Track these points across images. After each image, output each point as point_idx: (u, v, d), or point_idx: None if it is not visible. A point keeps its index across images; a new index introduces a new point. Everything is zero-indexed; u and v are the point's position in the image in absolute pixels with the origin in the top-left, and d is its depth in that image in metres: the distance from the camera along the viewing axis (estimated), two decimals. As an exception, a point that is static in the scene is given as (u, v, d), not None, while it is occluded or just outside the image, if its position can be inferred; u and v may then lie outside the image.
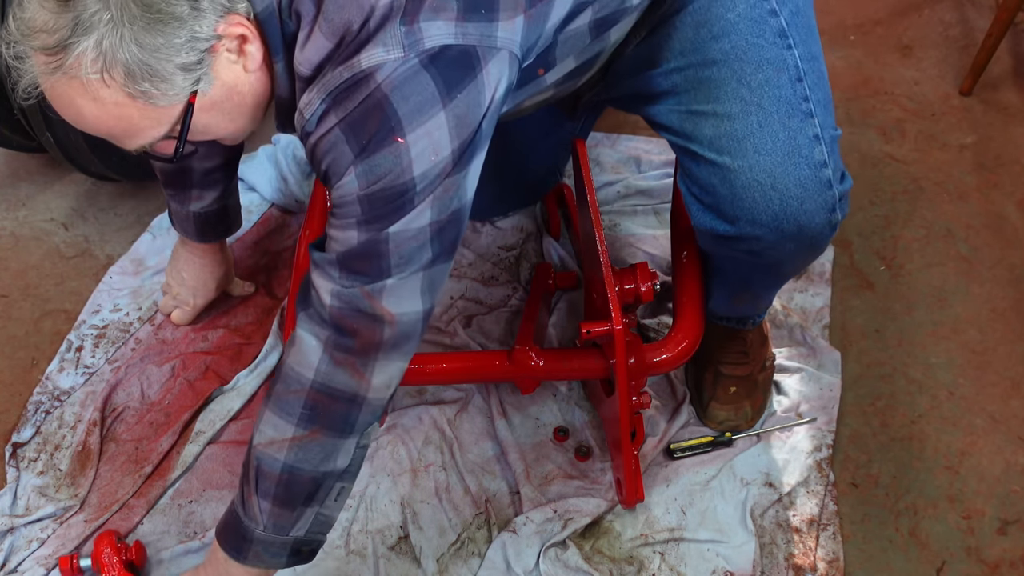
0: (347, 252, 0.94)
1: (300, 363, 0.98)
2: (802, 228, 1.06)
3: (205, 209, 1.42)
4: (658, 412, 1.44)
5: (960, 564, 1.30)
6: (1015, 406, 1.47)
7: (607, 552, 1.31)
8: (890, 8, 2.21)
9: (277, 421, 1.00)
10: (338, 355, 0.97)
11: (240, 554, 1.06)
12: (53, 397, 1.47)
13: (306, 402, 0.98)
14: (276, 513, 1.03)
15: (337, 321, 0.96)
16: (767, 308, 1.41)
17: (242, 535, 1.05)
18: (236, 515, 1.05)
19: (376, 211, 0.91)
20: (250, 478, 1.03)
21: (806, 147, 1.04)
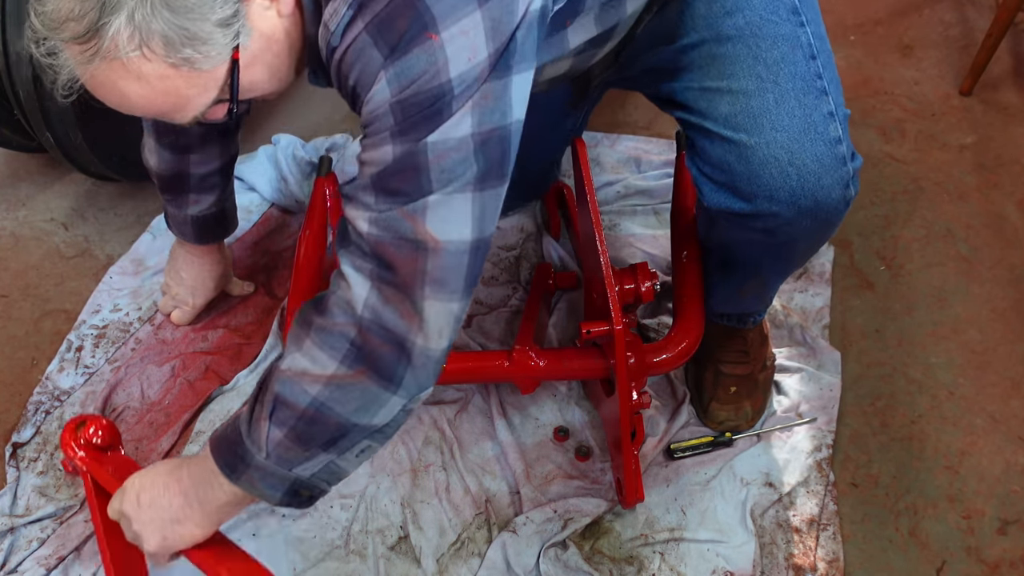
0: (382, 171, 0.86)
1: (348, 297, 0.88)
2: (819, 203, 1.05)
3: (203, 212, 1.42)
4: (658, 412, 1.44)
5: (960, 564, 1.30)
6: (1015, 406, 1.47)
7: (607, 552, 1.31)
8: (890, 8, 2.21)
9: (317, 354, 0.89)
10: (386, 290, 0.87)
11: (233, 473, 0.96)
12: (53, 397, 1.47)
13: (354, 339, 0.88)
14: (286, 446, 0.93)
15: (377, 250, 0.87)
16: (769, 303, 1.41)
17: (240, 455, 0.95)
18: (238, 433, 0.95)
19: (411, 118, 0.84)
20: (264, 401, 0.92)
21: (821, 124, 1.05)
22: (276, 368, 0.92)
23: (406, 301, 0.88)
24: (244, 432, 0.94)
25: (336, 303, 0.89)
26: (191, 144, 1.35)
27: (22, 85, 1.45)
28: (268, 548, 1.30)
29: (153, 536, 1.01)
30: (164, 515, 1.00)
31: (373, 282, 0.88)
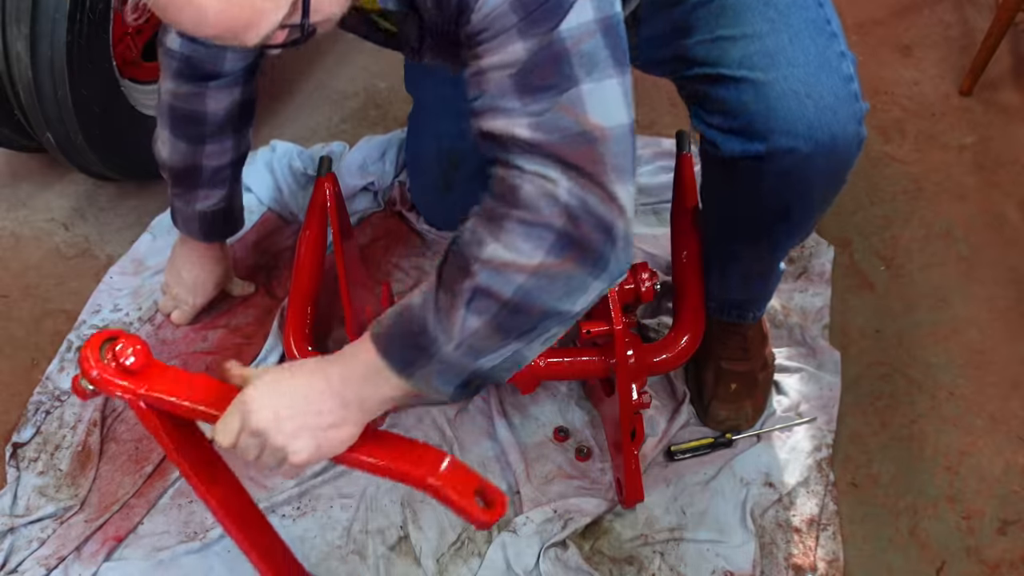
0: (520, 69, 0.84)
1: (550, 189, 0.85)
2: (835, 138, 1.06)
3: (211, 208, 1.42)
4: (658, 412, 1.44)
5: (960, 564, 1.30)
6: (1015, 406, 1.47)
7: (607, 552, 1.31)
8: (890, 8, 2.21)
9: (522, 244, 0.85)
10: (579, 180, 0.85)
11: (407, 367, 0.90)
12: (53, 397, 1.47)
13: (562, 228, 0.85)
14: (481, 336, 0.88)
15: (552, 152, 0.85)
16: (771, 291, 1.41)
17: (422, 347, 0.89)
18: (420, 322, 0.89)
19: (533, 13, 0.83)
20: (459, 291, 0.87)
21: (835, 60, 1.07)
22: (476, 258, 0.87)
23: (600, 188, 0.86)
24: (431, 323, 0.89)
25: (536, 195, 0.85)
26: (206, 135, 1.35)
27: (22, 85, 1.45)
28: (268, 548, 1.30)
29: (305, 447, 0.92)
30: (316, 422, 0.92)
31: (564, 173, 0.85)
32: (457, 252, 0.89)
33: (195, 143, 1.35)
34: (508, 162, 0.87)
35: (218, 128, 1.35)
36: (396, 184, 1.75)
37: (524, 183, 0.86)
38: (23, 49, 1.40)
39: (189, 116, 1.31)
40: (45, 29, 1.40)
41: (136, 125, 1.64)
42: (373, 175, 1.74)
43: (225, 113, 1.34)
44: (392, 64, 2.05)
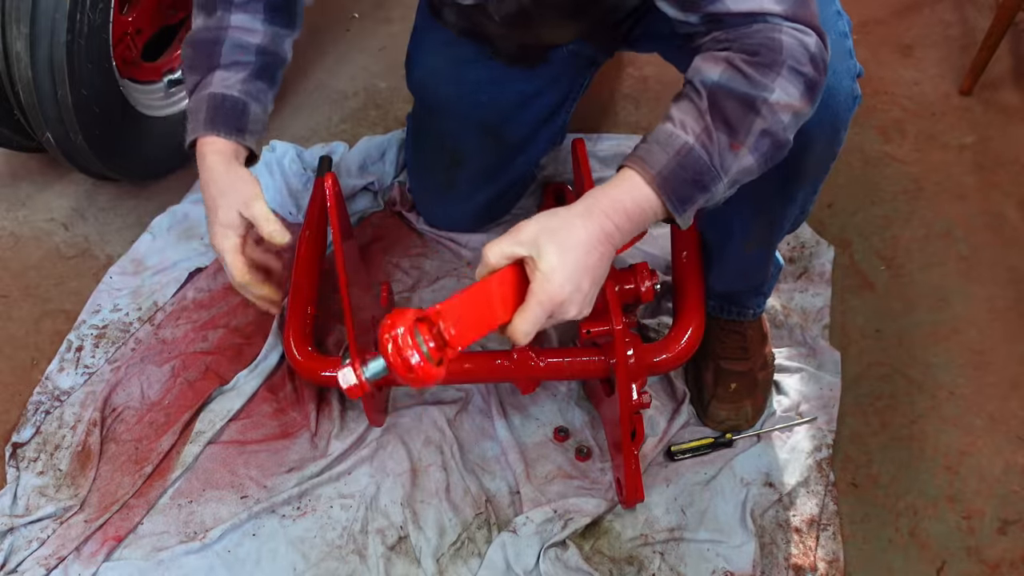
0: None
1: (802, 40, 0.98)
2: (831, 89, 1.07)
3: (223, 92, 1.21)
4: (658, 412, 1.44)
5: (960, 564, 1.30)
6: (1015, 406, 1.47)
7: (607, 552, 1.31)
8: (890, 8, 2.21)
9: (790, 87, 0.97)
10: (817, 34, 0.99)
11: (683, 204, 0.99)
12: (53, 397, 1.47)
13: (811, 75, 0.98)
14: (749, 171, 1.00)
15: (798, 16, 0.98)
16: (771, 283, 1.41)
17: (703, 185, 0.98)
18: (702, 162, 0.97)
19: None
20: (749, 132, 0.97)
21: (832, 18, 1.12)
22: (758, 99, 0.97)
23: (822, 39, 1.00)
24: (716, 162, 0.98)
25: (797, 48, 0.97)
26: (234, 4, 1.23)
27: (22, 85, 1.45)
28: (268, 548, 1.30)
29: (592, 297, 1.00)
30: (601, 274, 0.99)
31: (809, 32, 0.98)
32: (736, 94, 0.97)
33: (224, 10, 1.23)
34: (768, 22, 0.98)
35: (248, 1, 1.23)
36: (396, 184, 1.75)
37: (785, 37, 0.97)
38: (23, 49, 1.40)
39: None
40: (45, 29, 1.40)
41: (136, 125, 1.64)
42: (373, 175, 1.74)
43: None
44: (392, 64, 2.05)
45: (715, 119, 0.97)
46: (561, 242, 0.95)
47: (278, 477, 1.38)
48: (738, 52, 0.98)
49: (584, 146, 1.38)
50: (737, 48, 0.98)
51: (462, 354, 1.44)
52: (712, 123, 0.97)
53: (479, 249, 1.65)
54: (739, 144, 0.97)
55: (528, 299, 0.95)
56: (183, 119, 1.73)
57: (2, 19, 1.40)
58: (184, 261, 1.64)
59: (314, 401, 1.45)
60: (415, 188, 1.70)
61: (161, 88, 1.76)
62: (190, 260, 1.64)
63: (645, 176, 0.98)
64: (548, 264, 0.94)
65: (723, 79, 0.98)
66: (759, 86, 0.97)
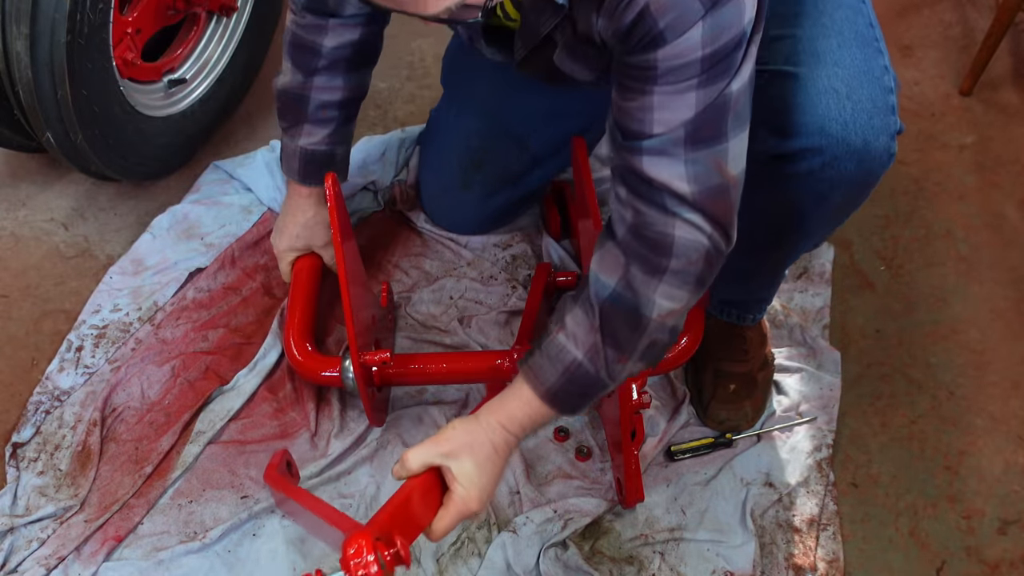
0: (691, 121, 0.92)
1: (695, 236, 0.97)
2: (867, 145, 1.06)
3: (312, 146, 1.41)
4: (658, 412, 1.44)
5: (960, 564, 1.30)
6: (1015, 406, 1.47)
7: (607, 552, 1.31)
8: (890, 8, 2.21)
9: (676, 292, 1.00)
10: (716, 228, 0.98)
11: (577, 410, 1.09)
12: (53, 397, 1.47)
13: (701, 271, 1.00)
14: (637, 371, 1.06)
15: (701, 204, 0.96)
16: (773, 294, 1.41)
17: (592, 394, 1.06)
18: (590, 376, 1.04)
19: (716, 70, 0.90)
20: (635, 348, 1.02)
21: (878, 72, 1.09)
22: (647, 318, 1.00)
23: (726, 233, 1.00)
24: (603, 376, 1.04)
25: (688, 245, 0.97)
26: (318, 67, 1.36)
27: (22, 85, 1.45)
28: (268, 548, 1.30)
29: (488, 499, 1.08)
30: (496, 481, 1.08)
31: (707, 223, 0.97)
32: (625, 311, 1.00)
33: (307, 74, 1.36)
34: (665, 207, 0.96)
35: (331, 63, 1.35)
36: (396, 184, 1.75)
37: (678, 231, 0.97)
38: (23, 49, 1.40)
39: (306, 46, 1.33)
40: (45, 29, 1.39)
41: (136, 125, 1.64)
42: (373, 175, 1.74)
43: (340, 49, 1.35)
44: (392, 64, 2.04)
45: (604, 336, 1.02)
46: (476, 458, 1.05)
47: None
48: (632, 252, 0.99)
49: (584, 145, 1.38)
50: (633, 234, 0.99)
51: (463, 354, 1.45)
52: (601, 340, 1.02)
53: (479, 249, 1.66)
54: (626, 357, 1.03)
55: (448, 506, 1.05)
56: (183, 119, 1.75)
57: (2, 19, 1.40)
58: (184, 261, 1.64)
59: (314, 401, 1.45)
60: (426, 184, 1.68)
61: (161, 88, 1.75)
62: (190, 260, 1.64)
63: (537, 391, 1.06)
64: (467, 479, 1.04)
65: (614, 295, 1.01)
66: (645, 303, 1.00)
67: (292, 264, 1.51)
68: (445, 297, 1.60)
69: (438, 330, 1.55)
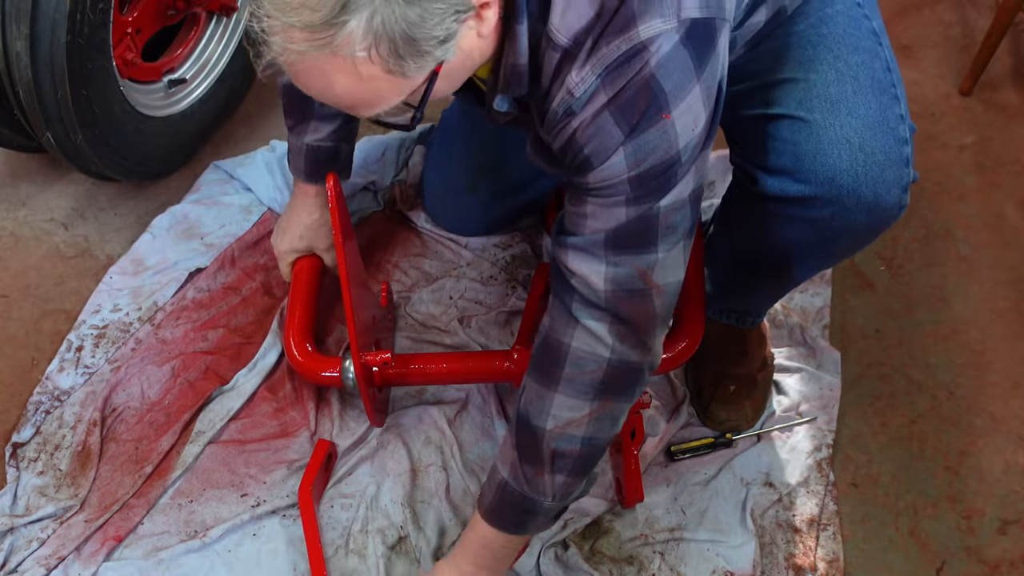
0: (616, 229, 0.95)
1: (592, 346, 1.00)
2: (878, 197, 1.05)
3: (318, 143, 1.41)
4: (658, 412, 1.44)
5: (960, 564, 1.31)
6: (1015, 406, 1.47)
7: (607, 552, 1.31)
8: (890, 8, 2.21)
9: (572, 403, 1.02)
10: (625, 335, 1.00)
11: (521, 528, 1.12)
12: (53, 397, 1.47)
13: (602, 380, 1.01)
14: (567, 484, 1.08)
15: (612, 303, 0.98)
16: (774, 304, 1.41)
17: (527, 510, 1.10)
18: (516, 494, 1.09)
19: (645, 188, 0.93)
20: (543, 460, 1.06)
21: (894, 121, 1.07)
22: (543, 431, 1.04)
23: (642, 341, 1.01)
24: (525, 490, 1.08)
25: (582, 355, 1.01)
26: None
27: (22, 85, 1.45)
28: (268, 548, 1.30)
29: None
30: None
31: (613, 331, 1.00)
32: (526, 425, 1.06)
33: None
34: (569, 311, 1.00)
35: None
36: (396, 184, 1.75)
37: (574, 341, 1.00)
38: (23, 49, 1.40)
39: None
40: (45, 29, 1.39)
41: (136, 125, 1.64)
42: (373, 175, 1.74)
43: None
44: (392, 64, 2.04)
45: (519, 451, 1.07)
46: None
47: (278, 477, 1.38)
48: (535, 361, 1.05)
49: None
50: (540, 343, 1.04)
51: (463, 354, 1.45)
52: (518, 457, 1.07)
53: (479, 249, 1.66)
54: (540, 471, 1.07)
55: None
56: (183, 119, 1.75)
57: (2, 19, 1.40)
58: (184, 261, 1.64)
59: (314, 401, 1.45)
60: (431, 185, 1.67)
61: (161, 88, 1.75)
62: (190, 260, 1.64)
63: (480, 511, 1.14)
64: None
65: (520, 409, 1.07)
66: (537, 414, 1.04)
67: (292, 265, 1.51)
68: (445, 297, 1.60)
69: (438, 330, 1.55)
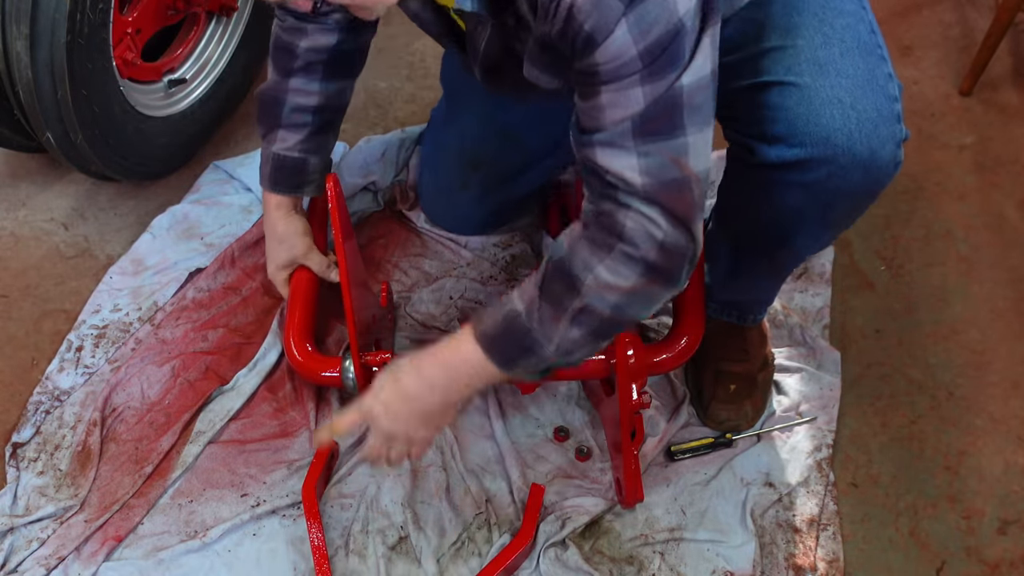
0: (641, 115, 0.92)
1: (646, 226, 0.97)
2: (873, 154, 1.06)
3: (284, 152, 1.39)
4: (658, 412, 1.44)
5: (960, 564, 1.31)
6: (1015, 406, 1.47)
7: (607, 552, 1.31)
8: (890, 8, 2.21)
9: (621, 270, 0.99)
10: (674, 222, 0.97)
11: (508, 363, 1.07)
12: (53, 397, 1.47)
13: (654, 260, 0.99)
14: (577, 342, 1.04)
15: (655, 197, 0.95)
16: (774, 296, 1.41)
17: (526, 347, 1.05)
18: (523, 328, 1.04)
19: (657, 63, 0.90)
20: (568, 308, 1.02)
21: (882, 80, 1.08)
22: (582, 281, 1.00)
23: (687, 229, 0.99)
24: (536, 330, 1.04)
25: (639, 233, 0.98)
26: (294, 68, 1.37)
27: (22, 85, 1.45)
28: (268, 548, 1.30)
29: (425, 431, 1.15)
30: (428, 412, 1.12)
31: (664, 215, 0.97)
32: (563, 271, 1.01)
33: (283, 74, 1.37)
34: (616, 199, 0.97)
35: (307, 64, 1.36)
36: (396, 184, 1.75)
37: (629, 221, 0.97)
38: (23, 49, 1.40)
39: (284, 47, 1.35)
40: (45, 29, 1.39)
41: (136, 125, 1.64)
42: (373, 175, 1.74)
43: (316, 52, 1.36)
44: (392, 64, 2.05)
45: (544, 292, 1.04)
46: (393, 374, 1.12)
47: (278, 476, 1.38)
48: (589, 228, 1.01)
49: None
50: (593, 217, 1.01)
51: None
52: (540, 295, 1.04)
53: (479, 249, 1.66)
54: (559, 317, 1.03)
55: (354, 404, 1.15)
56: (183, 119, 1.76)
57: (2, 19, 1.40)
58: (184, 261, 1.64)
59: (314, 400, 1.45)
60: (425, 184, 1.68)
61: (161, 88, 1.76)
62: (190, 260, 1.64)
63: (475, 332, 1.08)
64: (377, 387, 1.13)
65: (561, 257, 1.03)
66: (583, 267, 1.00)
67: (288, 283, 1.48)
68: (445, 297, 1.60)
69: (438, 330, 1.55)
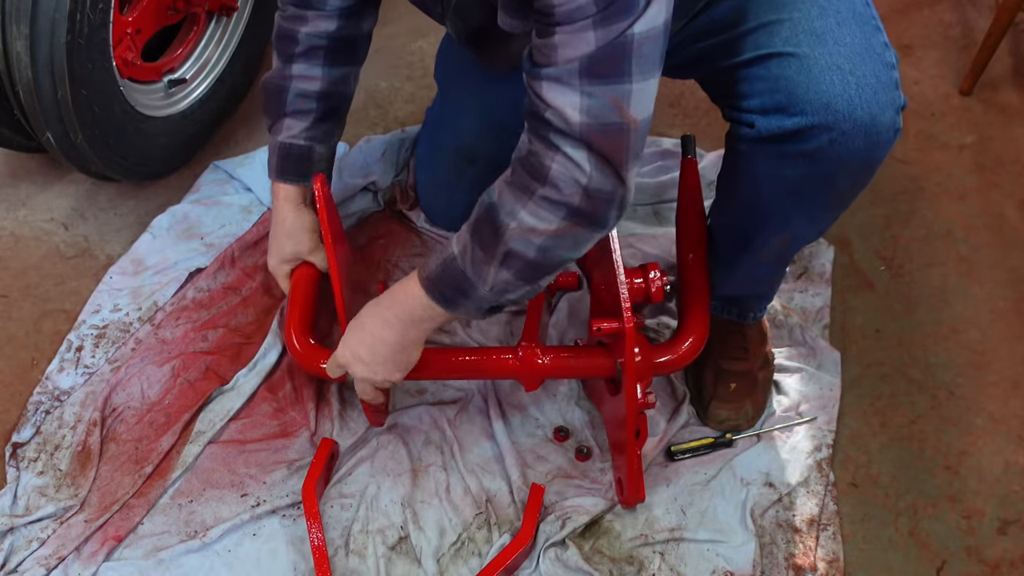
0: (590, 56, 0.94)
1: (571, 171, 0.99)
2: (874, 120, 1.06)
3: (291, 140, 1.39)
4: (658, 412, 1.44)
5: (960, 564, 1.31)
6: (1015, 406, 1.47)
7: (607, 552, 1.31)
8: (890, 8, 2.21)
9: (543, 214, 1.03)
10: (601, 165, 0.99)
11: (449, 303, 1.13)
12: (53, 397, 1.47)
13: (578, 204, 1.01)
14: (510, 283, 1.09)
15: (588, 136, 0.97)
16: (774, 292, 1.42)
17: (462, 290, 1.11)
18: (458, 272, 1.10)
19: (612, 8, 0.91)
20: (495, 253, 1.07)
21: (879, 48, 1.10)
22: (503, 225, 1.04)
23: (616, 173, 1.00)
24: (470, 272, 1.10)
25: (563, 177, 1.00)
26: (295, 54, 1.38)
27: (22, 85, 1.45)
28: (268, 548, 1.30)
29: (393, 371, 1.23)
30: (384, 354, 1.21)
31: (591, 158, 0.99)
32: (490, 216, 1.06)
33: (285, 60, 1.38)
34: (547, 139, 0.99)
35: (308, 50, 1.37)
36: (396, 184, 1.75)
37: (555, 164, 1.00)
38: (23, 49, 1.40)
39: (286, 35, 1.37)
40: (45, 29, 1.39)
41: (136, 125, 1.64)
42: (373, 175, 1.74)
43: (316, 38, 1.36)
44: (392, 64, 2.05)
45: (473, 236, 1.09)
46: (358, 319, 1.23)
47: (278, 476, 1.38)
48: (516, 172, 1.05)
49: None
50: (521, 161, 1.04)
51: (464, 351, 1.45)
52: (471, 239, 1.09)
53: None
54: (489, 261, 1.08)
55: None
56: (183, 119, 1.76)
57: (2, 19, 1.40)
58: (184, 261, 1.64)
59: (314, 400, 1.45)
60: (422, 182, 1.69)
61: (161, 88, 1.76)
62: (190, 260, 1.64)
63: (419, 275, 1.16)
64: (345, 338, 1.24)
65: (489, 201, 1.07)
66: (506, 212, 1.04)
67: (289, 277, 1.47)
68: (445, 297, 1.60)
69: (438, 330, 1.55)
